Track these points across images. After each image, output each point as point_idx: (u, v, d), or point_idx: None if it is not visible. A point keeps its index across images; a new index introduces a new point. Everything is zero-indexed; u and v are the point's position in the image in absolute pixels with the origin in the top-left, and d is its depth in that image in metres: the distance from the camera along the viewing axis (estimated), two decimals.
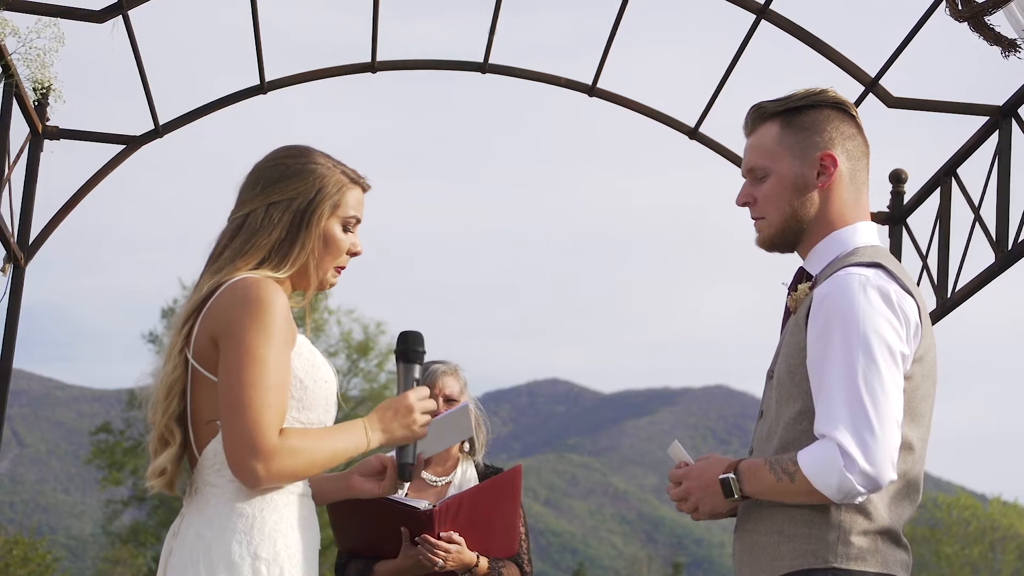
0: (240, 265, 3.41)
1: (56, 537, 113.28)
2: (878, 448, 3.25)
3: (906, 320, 3.36)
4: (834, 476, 3.25)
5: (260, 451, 3.25)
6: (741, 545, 3.53)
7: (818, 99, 3.59)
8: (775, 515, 3.42)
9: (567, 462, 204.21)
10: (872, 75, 7.14)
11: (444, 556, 4.93)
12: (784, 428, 3.43)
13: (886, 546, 3.39)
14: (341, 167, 3.57)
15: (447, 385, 5.34)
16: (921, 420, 3.44)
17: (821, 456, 3.27)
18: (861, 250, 3.49)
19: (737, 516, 3.57)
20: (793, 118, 3.57)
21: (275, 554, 3.33)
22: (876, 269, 3.39)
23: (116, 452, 42.36)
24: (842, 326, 3.32)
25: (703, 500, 3.50)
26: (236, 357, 3.28)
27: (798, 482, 3.30)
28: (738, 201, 3.66)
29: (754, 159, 3.61)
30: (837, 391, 3.29)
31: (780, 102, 3.61)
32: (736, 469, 3.43)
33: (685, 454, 3.62)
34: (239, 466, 3.28)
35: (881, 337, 3.31)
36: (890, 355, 3.32)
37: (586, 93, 7.75)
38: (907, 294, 3.39)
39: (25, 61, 4.71)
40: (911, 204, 7.66)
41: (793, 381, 3.43)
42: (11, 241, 6.75)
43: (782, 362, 3.49)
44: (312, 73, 7.61)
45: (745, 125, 3.67)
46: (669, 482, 3.60)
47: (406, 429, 3.56)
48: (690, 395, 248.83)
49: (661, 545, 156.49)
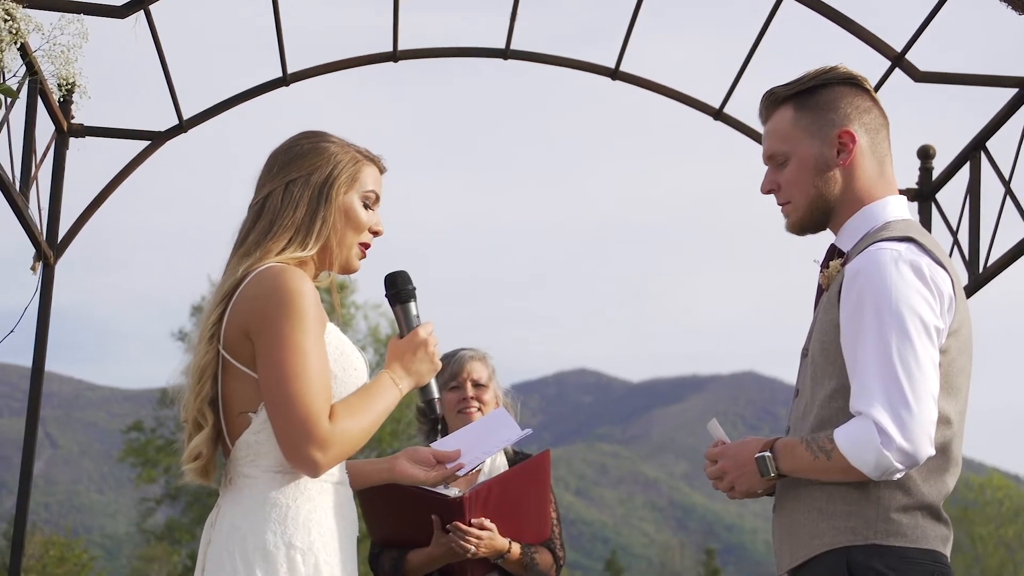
0: (271, 247, 3.42)
1: (91, 537, 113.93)
2: (915, 424, 3.24)
3: (939, 294, 3.35)
4: (871, 453, 3.24)
5: (316, 440, 3.27)
6: (780, 524, 3.53)
7: (829, 77, 3.59)
8: (814, 493, 3.41)
9: (597, 451, 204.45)
10: (898, 50, 7.09)
11: (476, 543, 4.93)
12: (820, 406, 3.43)
13: (926, 521, 3.38)
14: (355, 147, 3.59)
15: (475, 370, 5.34)
16: (958, 394, 3.43)
17: (858, 433, 3.26)
18: (892, 224, 3.48)
19: (775, 495, 3.57)
20: (806, 99, 3.57)
21: (310, 543, 3.33)
22: (908, 243, 3.38)
23: (148, 450, 42.55)
24: (875, 302, 3.31)
25: (739, 478, 3.50)
26: (275, 350, 3.29)
27: (835, 460, 3.29)
28: (762, 189, 3.67)
29: (773, 145, 3.61)
30: (872, 368, 3.28)
31: (791, 85, 3.61)
32: (772, 447, 3.43)
33: (722, 432, 3.62)
34: (298, 458, 3.29)
35: (915, 312, 3.30)
36: (924, 330, 3.30)
37: (609, 77, 7.72)
38: (940, 267, 3.38)
39: (49, 58, 4.72)
40: (940, 179, 7.61)
41: (827, 359, 3.42)
42: (40, 239, 6.77)
43: (816, 340, 3.48)
44: (334, 64, 7.60)
45: (760, 113, 3.68)
46: (706, 460, 3.60)
47: (429, 363, 3.58)
48: (719, 382, 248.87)
49: (693, 532, 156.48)
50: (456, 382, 5.32)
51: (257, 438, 3.36)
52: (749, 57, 7.43)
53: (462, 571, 5.04)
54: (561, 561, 5.23)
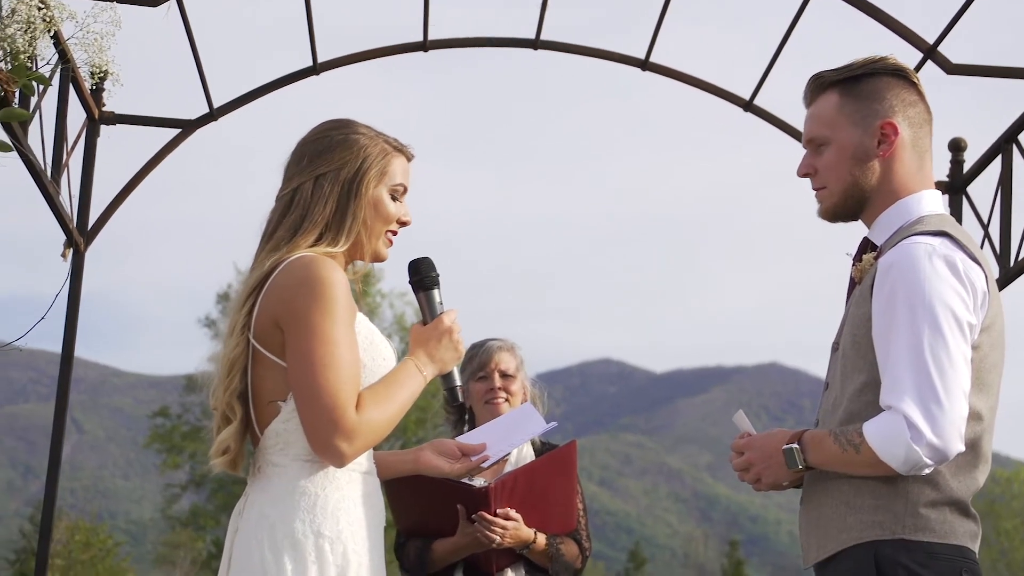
0: (300, 242, 3.42)
1: (116, 522, 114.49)
2: (945, 419, 3.22)
3: (973, 289, 3.33)
4: (900, 448, 3.22)
5: (343, 430, 3.27)
6: (807, 517, 3.52)
7: (878, 67, 3.55)
8: (842, 487, 3.40)
9: (620, 442, 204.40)
10: (931, 42, 7.06)
11: (501, 533, 4.93)
12: (849, 399, 3.41)
13: (954, 517, 3.36)
14: (384, 136, 3.58)
15: (503, 360, 5.34)
16: (989, 390, 3.41)
17: (887, 427, 3.25)
18: (926, 219, 3.46)
19: (802, 488, 3.56)
20: (853, 86, 3.54)
21: (338, 532, 3.34)
22: (942, 238, 3.36)
23: (174, 436, 42.72)
24: (908, 296, 3.29)
25: (766, 470, 3.49)
26: (304, 340, 3.29)
27: (863, 453, 3.28)
28: (799, 172, 3.64)
29: (814, 129, 3.58)
30: (903, 362, 3.26)
31: (840, 71, 3.58)
32: (800, 439, 3.42)
33: (749, 424, 3.61)
34: (324, 448, 3.30)
35: (947, 307, 3.28)
36: (957, 325, 3.28)
37: (639, 67, 7.70)
38: (974, 262, 3.36)
39: (82, 46, 4.73)
40: (971, 172, 7.58)
41: (858, 352, 3.41)
42: (71, 226, 6.79)
43: (847, 334, 3.47)
44: (364, 53, 7.60)
45: (805, 95, 3.64)
46: (732, 452, 3.59)
47: (453, 351, 3.58)
48: (743, 373, 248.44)
49: (716, 523, 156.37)
50: (484, 372, 5.32)
51: (286, 427, 3.36)
52: (780, 48, 7.41)
53: (487, 561, 5.04)
54: (587, 552, 5.22)
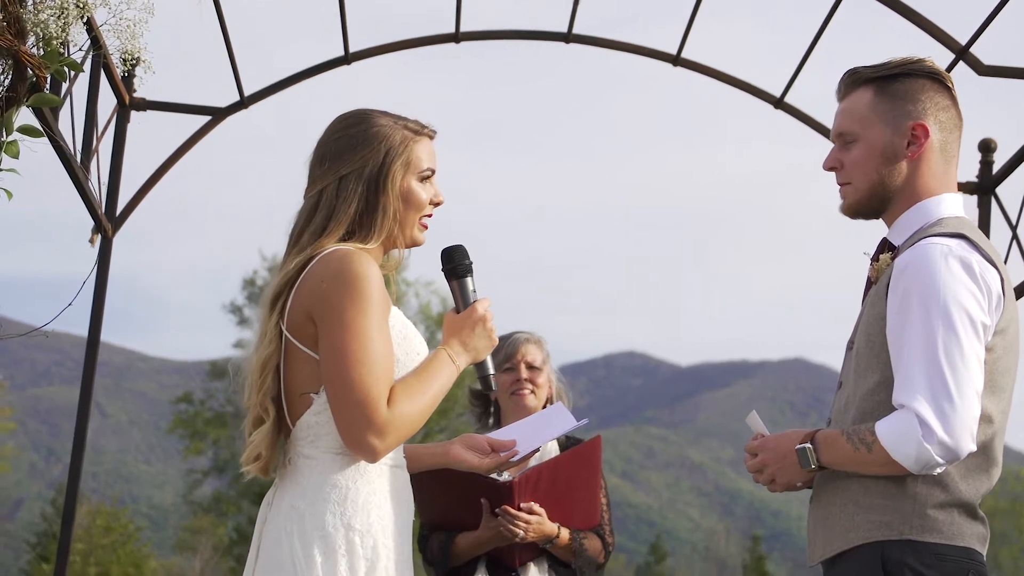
0: (325, 242, 3.40)
1: (138, 507, 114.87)
2: (957, 419, 3.22)
3: (988, 291, 3.34)
4: (912, 446, 3.23)
5: (375, 426, 3.26)
6: (816, 515, 3.53)
7: (914, 68, 3.56)
8: (851, 486, 3.41)
9: (644, 434, 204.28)
10: (963, 43, 7.03)
11: (525, 527, 4.93)
12: (862, 398, 3.42)
13: (962, 519, 3.37)
14: (403, 121, 3.53)
15: (529, 352, 5.34)
16: (1002, 393, 3.41)
17: (899, 426, 3.25)
18: (945, 221, 3.47)
19: (813, 487, 3.56)
20: (888, 85, 3.54)
21: (368, 525, 3.34)
22: (959, 240, 3.37)
23: (197, 422, 42.83)
24: (922, 295, 3.30)
25: (780, 471, 3.50)
26: (338, 334, 3.27)
27: (875, 452, 3.29)
28: (825, 165, 3.64)
29: (844, 124, 3.58)
30: (916, 361, 3.27)
31: (876, 68, 3.58)
32: (813, 439, 3.43)
33: (762, 425, 3.62)
34: (356, 443, 3.28)
35: (962, 307, 3.29)
36: (971, 325, 3.29)
37: (671, 63, 7.68)
38: (990, 265, 3.36)
39: (115, 32, 4.73)
40: (1001, 173, 7.54)
41: (872, 351, 3.41)
42: (99, 212, 6.81)
43: (862, 333, 3.47)
44: (396, 44, 7.60)
45: (838, 89, 3.65)
46: (746, 453, 3.59)
47: (487, 339, 3.57)
48: (768, 368, 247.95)
49: (738, 518, 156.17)
50: (510, 364, 5.32)
51: (318, 419, 3.36)
52: (812, 46, 7.38)
53: (510, 555, 5.04)
54: (610, 547, 5.23)
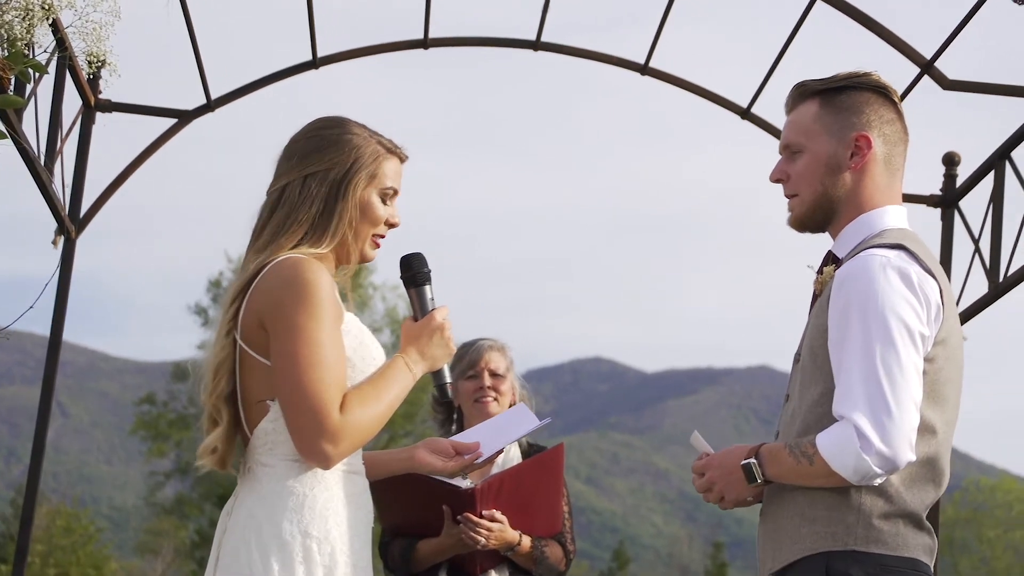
0: (283, 243, 3.41)
1: (98, 508, 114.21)
2: (895, 429, 3.24)
3: (927, 301, 3.36)
4: (851, 457, 3.25)
5: (327, 432, 3.26)
6: (764, 529, 3.55)
7: (860, 81, 3.60)
8: (797, 499, 3.42)
9: (609, 440, 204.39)
10: (928, 57, 7.07)
11: (486, 535, 4.93)
12: (806, 411, 3.44)
13: (907, 529, 3.38)
14: (378, 137, 3.55)
15: (492, 360, 5.35)
16: (945, 403, 3.43)
17: (838, 438, 3.28)
18: (887, 232, 3.49)
19: (762, 502, 3.57)
20: (833, 98, 3.58)
21: (326, 532, 3.34)
22: (898, 250, 3.39)
23: (160, 424, 42.60)
24: (861, 306, 3.32)
25: (728, 488, 3.51)
26: (288, 341, 3.28)
27: (816, 464, 3.31)
28: (772, 177, 3.67)
29: (790, 135, 3.62)
30: (855, 372, 3.29)
31: (823, 81, 3.62)
32: (757, 454, 3.45)
33: (706, 444, 3.63)
34: (308, 450, 3.29)
35: (900, 318, 3.31)
36: (909, 336, 3.31)
37: (638, 72, 7.70)
38: (929, 275, 3.39)
39: (81, 35, 4.71)
40: (964, 187, 7.59)
41: (815, 363, 3.43)
42: (63, 213, 6.78)
43: (806, 345, 3.50)
44: (364, 49, 7.60)
45: (787, 102, 3.69)
46: (693, 474, 3.60)
47: (445, 348, 3.57)
48: (733, 375, 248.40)
49: (702, 524, 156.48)
50: (474, 371, 5.33)
51: (275, 426, 3.36)
52: (779, 58, 7.42)
53: (471, 563, 5.04)
54: (571, 555, 5.23)
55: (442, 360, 3.59)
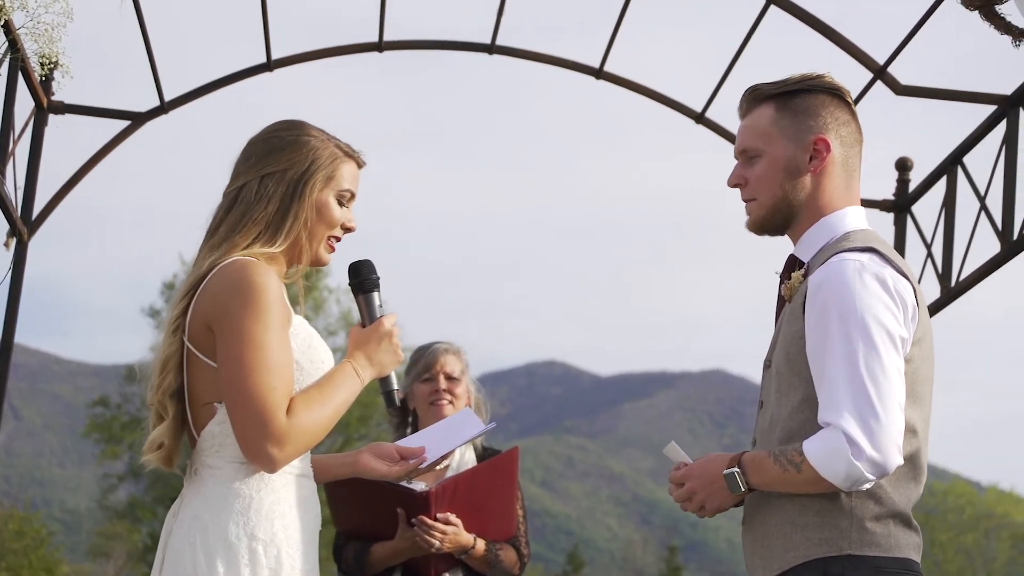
0: (238, 241, 3.41)
1: (51, 511, 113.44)
2: (883, 434, 3.25)
3: (903, 304, 3.37)
4: (842, 464, 3.24)
5: (273, 435, 3.26)
6: (752, 537, 3.53)
7: (815, 84, 3.59)
8: (785, 506, 3.41)
9: (564, 444, 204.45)
10: (881, 62, 7.12)
11: (440, 538, 4.93)
12: (787, 418, 3.43)
13: (898, 530, 3.39)
14: (336, 141, 3.57)
15: (448, 363, 5.34)
16: (922, 402, 3.44)
17: (827, 445, 3.27)
18: (852, 235, 3.50)
19: (744, 509, 3.57)
20: (788, 101, 3.57)
21: (272, 535, 3.33)
22: (870, 254, 3.40)
23: (113, 426, 42.31)
24: (840, 313, 3.32)
25: (709, 497, 3.49)
26: (234, 344, 3.28)
27: (805, 472, 3.30)
28: (729, 182, 3.66)
29: (747, 140, 3.61)
30: (839, 379, 3.29)
31: (776, 85, 3.61)
32: (740, 462, 3.43)
33: (683, 454, 3.60)
34: (254, 453, 3.29)
35: (880, 323, 3.31)
36: (890, 340, 3.32)
37: (593, 76, 7.73)
38: (903, 277, 3.40)
39: (33, 36, 4.69)
40: (917, 192, 7.65)
41: (793, 370, 3.43)
42: (15, 215, 6.74)
43: (780, 351, 3.49)
44: (319, 52, 7.60)
45: (740, 107, 3.67)
46: (671, 484, 3.59)
47: (393, 354, 3.58)
48: (688, 379, 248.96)
49: (656, 528, 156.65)
50: (429, 374, 5.32)
51: (221, 428, 3.36)
52: (733, 63, 7.45)
53: (426, 566, 5.04)
54: (526, 559, 5.23)
55: (390, 366, 3.59)
